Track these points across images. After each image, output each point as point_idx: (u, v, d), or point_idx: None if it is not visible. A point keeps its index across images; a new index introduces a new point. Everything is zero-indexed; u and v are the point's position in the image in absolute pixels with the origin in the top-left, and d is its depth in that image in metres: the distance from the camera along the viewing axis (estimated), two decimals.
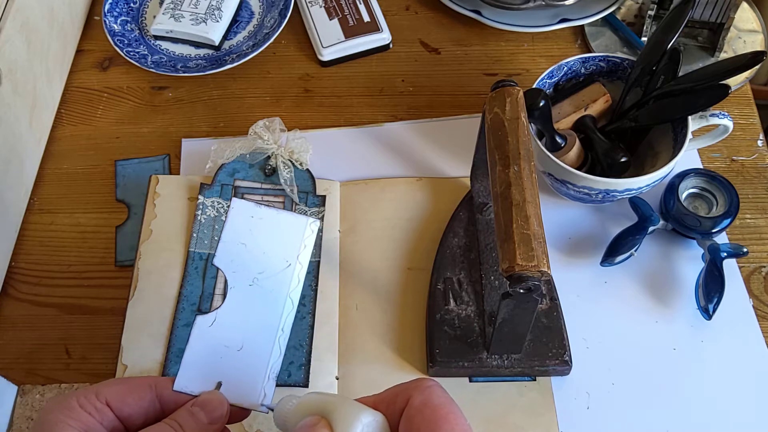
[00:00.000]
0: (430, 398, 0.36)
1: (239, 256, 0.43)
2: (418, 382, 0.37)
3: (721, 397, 0.55)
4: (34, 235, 0.66)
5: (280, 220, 0.44)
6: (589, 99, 0.63)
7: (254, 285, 0.43)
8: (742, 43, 0.74)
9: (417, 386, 0.37)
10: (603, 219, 0.64)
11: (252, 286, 0.43)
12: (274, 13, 0.78)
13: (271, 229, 0.44)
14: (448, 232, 0.61)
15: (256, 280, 0.43)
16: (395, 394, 0.37)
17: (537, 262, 0.44)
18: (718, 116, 0.59)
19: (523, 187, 0.46)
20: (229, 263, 0.43)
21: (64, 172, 0.69)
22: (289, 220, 0.44)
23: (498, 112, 0.51)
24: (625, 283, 0.61)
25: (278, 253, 0.44)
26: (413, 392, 0.37)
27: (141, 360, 0.56)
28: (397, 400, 0.37)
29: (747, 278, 0.61)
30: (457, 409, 0.36)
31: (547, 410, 0.55)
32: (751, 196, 0.65)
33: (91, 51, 0.78)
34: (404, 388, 0.37)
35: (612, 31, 0.76)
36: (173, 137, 0.71)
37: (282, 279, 0.44)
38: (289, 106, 0.73)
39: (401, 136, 0.70)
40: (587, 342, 0.58)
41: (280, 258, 0.44)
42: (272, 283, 0.43)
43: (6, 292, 0.62)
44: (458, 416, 0.36)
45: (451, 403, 0.37)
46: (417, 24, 0.79)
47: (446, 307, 0.57)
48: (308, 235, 0.44)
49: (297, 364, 0.56)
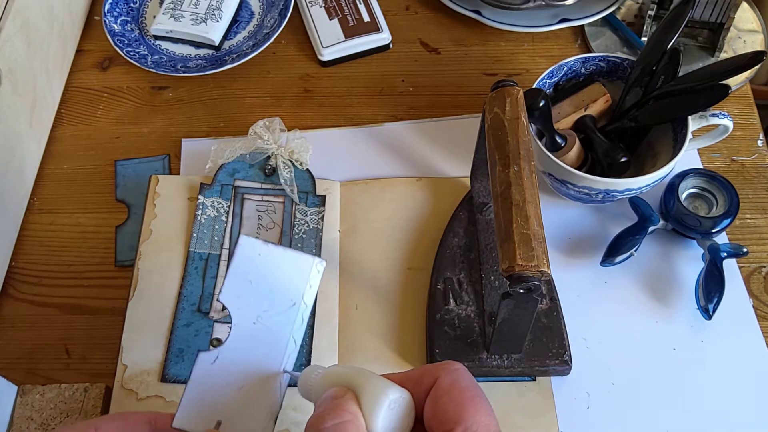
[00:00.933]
0: (458, 380, 0.36)
1: (245, 293, 0.43)
2: (447, 365, 0.37)
3: (721, 397, 0.55)
4: (34, 235, 0.66)
5: (287, 258, 0.44)
6: (589, 99, 0.63)
7: (258, 323, 0.43)
8: (742, 43, 0.74)
9: (445, 368, 0.37)
10: (603, 219, 0.64)
11: (256, 325, 0.43)
12: (274, 13, 0.78)
13: (278, 267, 0.43)
14: (448, 232, 0.61)
15: (260, 318, 0.43)
16: (422, 374, 0.37)
17: (537, 262, 0.44)
18: (718, 116, 0.59)
19: (523, 187, 0.46)
20: (235, 300, 0.43)
21: (64, 172, 0.69)
22: (295, 259, 0.44)
23: (498, 112, 0.51)
24: (625, 283, 0.61)
25: (283, 292, 0.43)
26: (441, 373, 0.37)
27: (141, 360, 0.56)
28: (424, 380, 0.37)
29: (747, 278, 0.61)
30: (483, 393, 0.37)
31: (547, 410, 0.55)
32: (751, 196, 0.65)
33: (91, 51, 0.78)
34: (431, 368, 0.37)
35: (612, 31, 0.76)
36: (173, 137, 0.71)
37: (286, 319, 0.43)
38: (289, 106, 0.73)
39: (401, 136, 0.70)
40: (587, 342, 0.58)
41: (285, 297, 0.43)
42: (276, 322, 0.43)
43: (6, 292, 0.62)
44: (483, 400, 0.36)
45: (477, 387, 0.37)
46: (417, 24, 0.79)
47: (446, 307, 0.57)
48: (314, 275, 0.44)
49: (297, 364, 0.56)
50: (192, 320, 0.58)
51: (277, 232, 0.63)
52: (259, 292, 0.43)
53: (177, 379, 0.56)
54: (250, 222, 0.63)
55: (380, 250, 0.62)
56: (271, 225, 0.63)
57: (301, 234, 0.63)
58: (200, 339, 0.57)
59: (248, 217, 0.63)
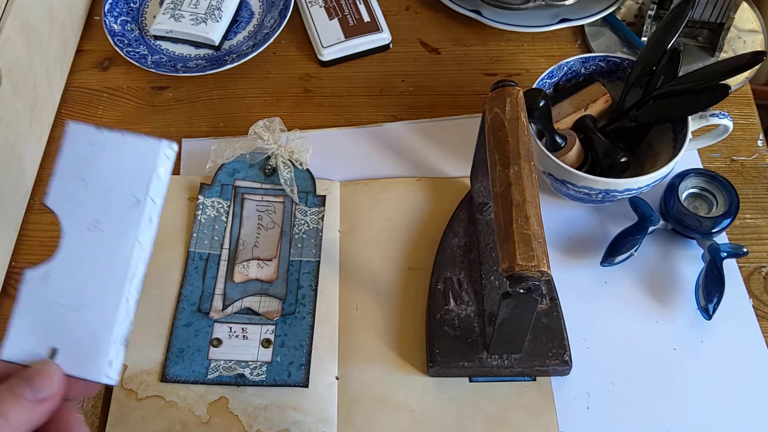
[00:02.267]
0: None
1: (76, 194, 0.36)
2: None
3: (721, 397, 0.55)
4: (35, 235, 0.66)
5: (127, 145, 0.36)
6: (589, 99, 0.63)
7: (95, 230, 0.36)
8: (742, 43, 0.74)
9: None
10: (603, 219, 0.64)
11: (92, 231, 0.36)
12: (274, 13, 0.78)
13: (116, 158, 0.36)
14: (448, 232, 0.61)
15: (97, 223, 0.36)
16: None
17: (537, 262, 0.44)
18: (718, 116, 0.59)
19: (523, 187, 0.47)
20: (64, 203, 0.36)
21: None
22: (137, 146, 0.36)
23: (498, 112, 0.51)
24: (625, 283, 0.61)
25: (125, 189, 0.36)
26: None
27: (141, 360, 0.56)
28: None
29: (747, 278, 0.61)
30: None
31: (547, 410, 0.55)
32: (751, 196, 0.65)
33: (92, 51, 0.78)
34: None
35: (612, 31, 0.76)
36: (173, 137, 0.70)
37: (129, 220, 0.36)
38: (289, 106, 0.73)
39: (401, 136, 0.70)
40: (587, 342, 0.58)
41: (126, 194, 0.36)
42: (117, 226, 0.36)
43: (6, 292, 0.62)
44: None
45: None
46: (417, 24, 0.79)
47: (446, 307, 0.57)
48: (162, 162, 0.37)
49: (297, 363, 0.56)
50: (192, 320, 0.58)
51: (277, 232, 0.63)
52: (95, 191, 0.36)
53: (177, 379, 0.56)
54: (250, 222, 0.63)
55: (380, 250, 0.62)
56: (271, 225, 0.63)
57: (301, 234, 0.63)
58: (200, 339, 0.57)
59: (248, 217, 0.63)
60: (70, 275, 0.36)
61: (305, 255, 0.62)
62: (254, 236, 0.62)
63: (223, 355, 0.57)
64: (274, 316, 0.58)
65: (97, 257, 0.36)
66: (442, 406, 0.55)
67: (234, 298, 0.59)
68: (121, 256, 0.36)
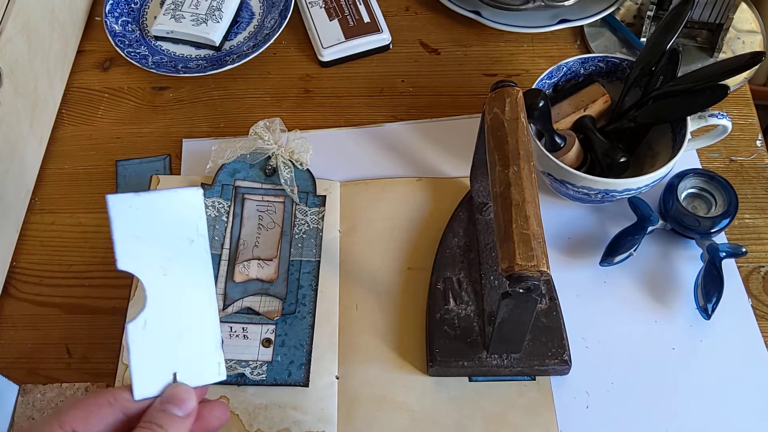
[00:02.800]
0: None
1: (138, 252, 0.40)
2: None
3: (720, 397, 0.55)
4: (35, 235, 0.66)
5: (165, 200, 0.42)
6: (589, 99, 0.63)
7: (168, 273, 0.41)
8: (741, 44, 0.74)
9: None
10: (602, 219, 0.64)
11: (166, 275, 0.41)
12: (274, 14, 0.78)
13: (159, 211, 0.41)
14: (448, 232, 0.62)
15: (166, 267, 0.41)
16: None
17: (536, 261, 0.44)
18: (717, 116, 0.59)
19: (522, 187, 0.47)
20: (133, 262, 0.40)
21: (65, 173, 0.69)
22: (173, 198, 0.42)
23: (498, 113, 0.51)
24: (625, 283, 0.61)
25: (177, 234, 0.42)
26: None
27: None
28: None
29: (746, 278, 0.61)
30: None
31: (546, 410, 0.55)
32: (750, 196, 0.65)
33: (92, 51, 0.78)
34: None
35: (611, 32, 0.76)
36: (174, 137, 0.71)
37: (192, 257, 0.42)
38: (290, 106, 0.73)
39: (401, 136, 0.70)
40: (586, 341, 0.58)
41: (180, 238, 0.42)
42: (184, 264, 0.42)
43: (7, 291, 0.62)
44: None
45: None
46: (417, 24, 0.79)
47: (446, 306, 0.57)
48: (197, 204, 0.42)
49: (297, 363, 0.56)
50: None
51: (278, 232, 0.63)
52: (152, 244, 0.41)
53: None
54: (251, 222, 0.63)
55: (380, 250, 0.63)
56: (271, 225, 0.63)
57: (301, 234, 0.63)
58: None
59: (248, 217, 0.63)
60: (164, 314, 0.41)
61: (305, 255, 0.62)
62: (255, 236, 0.62)
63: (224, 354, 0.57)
64: (275, 315, 0.59)
65: (179, 292, 0.42)
66: (441, 405, 0.55)
67: (234, 297, 0.59)
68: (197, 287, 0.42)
